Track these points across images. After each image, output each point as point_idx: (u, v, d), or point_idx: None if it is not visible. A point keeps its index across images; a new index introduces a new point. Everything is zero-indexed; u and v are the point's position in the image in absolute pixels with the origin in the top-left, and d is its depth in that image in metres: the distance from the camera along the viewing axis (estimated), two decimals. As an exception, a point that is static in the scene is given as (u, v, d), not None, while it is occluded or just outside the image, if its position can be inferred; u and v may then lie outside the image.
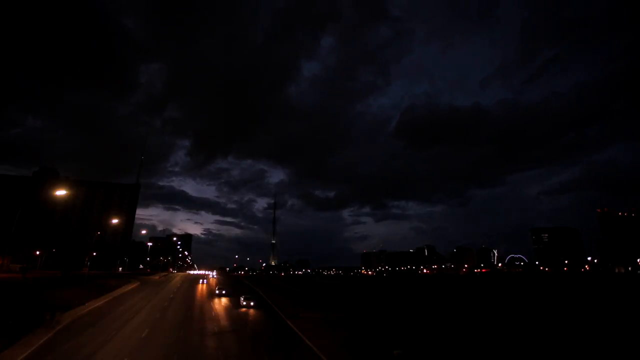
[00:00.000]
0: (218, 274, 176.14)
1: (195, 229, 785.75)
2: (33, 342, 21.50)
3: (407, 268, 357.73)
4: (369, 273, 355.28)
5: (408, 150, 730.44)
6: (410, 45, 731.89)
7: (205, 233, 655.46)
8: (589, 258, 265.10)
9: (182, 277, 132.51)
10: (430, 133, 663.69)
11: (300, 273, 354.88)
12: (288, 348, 23.16)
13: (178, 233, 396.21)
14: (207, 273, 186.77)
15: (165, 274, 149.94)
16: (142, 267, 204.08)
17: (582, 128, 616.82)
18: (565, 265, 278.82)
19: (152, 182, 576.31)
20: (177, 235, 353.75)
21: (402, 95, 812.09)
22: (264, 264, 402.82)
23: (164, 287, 74.41)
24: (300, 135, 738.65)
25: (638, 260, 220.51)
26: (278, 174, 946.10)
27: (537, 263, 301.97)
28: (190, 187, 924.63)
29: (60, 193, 48.16)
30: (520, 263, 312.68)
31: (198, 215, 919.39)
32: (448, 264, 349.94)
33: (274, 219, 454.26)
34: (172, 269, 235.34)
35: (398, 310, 41.68)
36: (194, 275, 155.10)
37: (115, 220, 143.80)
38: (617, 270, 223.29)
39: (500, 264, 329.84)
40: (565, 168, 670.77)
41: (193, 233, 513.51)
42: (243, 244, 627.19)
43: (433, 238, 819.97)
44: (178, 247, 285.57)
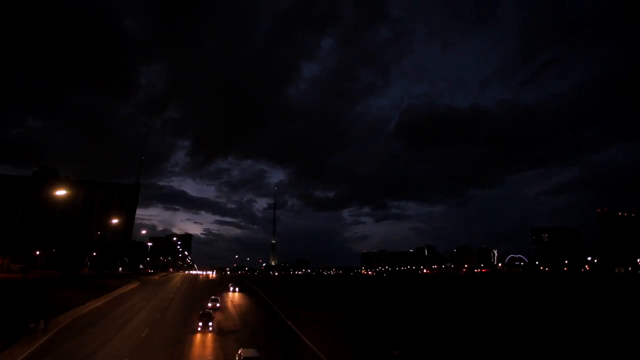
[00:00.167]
0: (216, 274, 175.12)
1: (195, 229, 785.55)
2: (33, 342, 21.52)
3: (407, 268, 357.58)
4: (369, 273, 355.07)
5: (408, 151, 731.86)
6: (411, 46, 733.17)
7: (205, 233, 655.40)
8: (589, 258, 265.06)
9: (181, 277, 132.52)
10: (430, 133, 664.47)
11: (300, 273, 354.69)
12: (288, 348, 23.17)
13: (178, 233, 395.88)
14: (208, 273, 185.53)
15: (166, 274, 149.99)
16: (142, 267, 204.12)
17: (581, 128, 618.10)
18: (565, 265, 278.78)
19: (152, 182, 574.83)
20: (177, 235, 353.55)
21: (401, 96, 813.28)
22: (264, 264, 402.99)
23: (164, 287, 74.42)
24: (300, 136, 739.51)
25: (638, 260, 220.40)
26: (278, 174, 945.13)
27: (537, 263, 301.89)
28: (190, 187, 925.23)
29: (60, 193, 48.15)
30: (520, 263, 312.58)
31: (198, 215, 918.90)
32: (448, 264, 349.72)
33: (274, 219, 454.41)
34: (171, 269, 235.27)
35: (398, 311, 41.68)
36: (194, 276, 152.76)
37: (115, 220, 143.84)
38: (617, 270, 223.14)
39: (500, 264, 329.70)
40: (565, 168, 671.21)
41: (193, 233, 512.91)
42: (243, 244, 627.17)
43: (433, 238, 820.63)
44: (178, 247, 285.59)
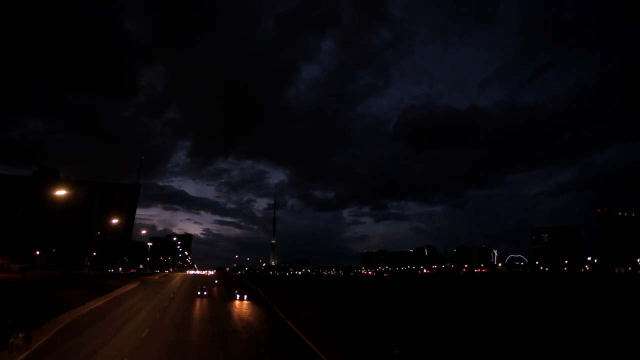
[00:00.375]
0: (216, 275, 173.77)
1: (195, 229, 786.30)
2: (33, 342, 21.47)
3: (407, 268, 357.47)
4: (369, 273, 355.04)
5: (407, 151, 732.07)
6: (411, 47, 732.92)
7: (205, 233, 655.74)
8: (589, 258, 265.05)
9: (181, 277, 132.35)
10: (429, 134, 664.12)
11: (300, 273, 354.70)
12: (288, 348, 23.16)
13: (178, 233, 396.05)
14: (201, 273, 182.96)
15: (166, 274, 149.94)
16: (142, 267, 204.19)
17: (579, 129, 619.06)
18: (565, 265, 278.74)
19: (152, 182, 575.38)
20: (177, 235, 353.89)
21: (401, 96, 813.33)
22: (264, 264, 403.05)
23: (164, 287, 74.39)
24: (300, 136, 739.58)
25: (638, 260, 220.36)
26: (278, 175, 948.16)
27: (537, 263, 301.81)
28: (190, 187, 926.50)
29: (60, 193, 48.14)
30: (520, 263, 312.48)
31: (198, 215, 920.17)
32: (448, 264, 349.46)
33: (274, 219, 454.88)
34: (171, 269, 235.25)
35: (398, 311, 41.68)
36: (192, 276, 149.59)
37: (115, 220, 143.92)
38: (617, 270, 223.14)
39: (500, 264, 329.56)
40: (565, 168, 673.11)
41: (193, 233, 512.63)
42: (243, 244, 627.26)
43: (433, 238, 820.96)
44: (178, 247, 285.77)
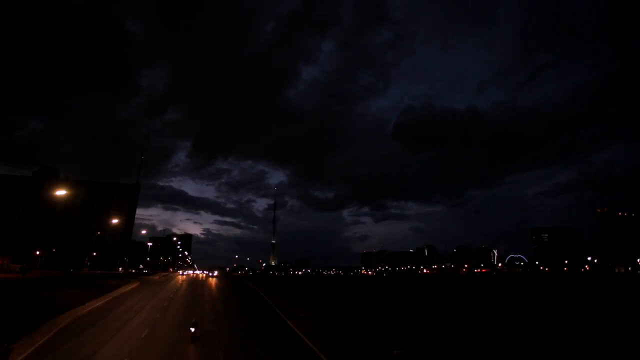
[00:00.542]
0: (218, 274, 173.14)
1: (195, 229, 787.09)
2: (33, 342, 21.50)
3: (407, 268, 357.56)
4: (369, 273, 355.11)
5: (407, 152, 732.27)
6: (411, 48, 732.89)
7: (205, 233, 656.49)
8: (589, 258, 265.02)
9: (180, 277, 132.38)
10: (429, 134, 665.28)
11: (300, 273, 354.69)
12: (288, 348, 23.16)
13: (178, 233, 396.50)
14: (197, 273, 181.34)
15: (166, 274, 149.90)
16: (142, 267, 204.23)
17: (578, 129, 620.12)
18: (565, 265, 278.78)
19: (152, 182, 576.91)
20: (177, 235, 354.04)
21: (401, 97, 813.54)
22: (264, 264, 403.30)
23: (164, 287, 74.39)
24: (300, 137, 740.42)
25: (638, 260, 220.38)
26: (278, 175, 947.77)
27: (537, 263, 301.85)
28: (190, 187, 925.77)
29: (60, 193, 48.08)
30: (520, 263, 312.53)
31: (198, 215, 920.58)
32: (448, 264, 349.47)
33: (274, 219, 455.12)
34: (171, 269, 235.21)
35: (398, 311, 41.67)
36: (191, 277, 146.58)
37: (115, 220, 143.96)
38: (617, 270, 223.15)
39: (500, 264, 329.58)
40: (564, 169, 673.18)
41: (193, 233, 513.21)
42: (243, 244, 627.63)
43: (433, 238, 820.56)
44: (178, 247, 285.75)
